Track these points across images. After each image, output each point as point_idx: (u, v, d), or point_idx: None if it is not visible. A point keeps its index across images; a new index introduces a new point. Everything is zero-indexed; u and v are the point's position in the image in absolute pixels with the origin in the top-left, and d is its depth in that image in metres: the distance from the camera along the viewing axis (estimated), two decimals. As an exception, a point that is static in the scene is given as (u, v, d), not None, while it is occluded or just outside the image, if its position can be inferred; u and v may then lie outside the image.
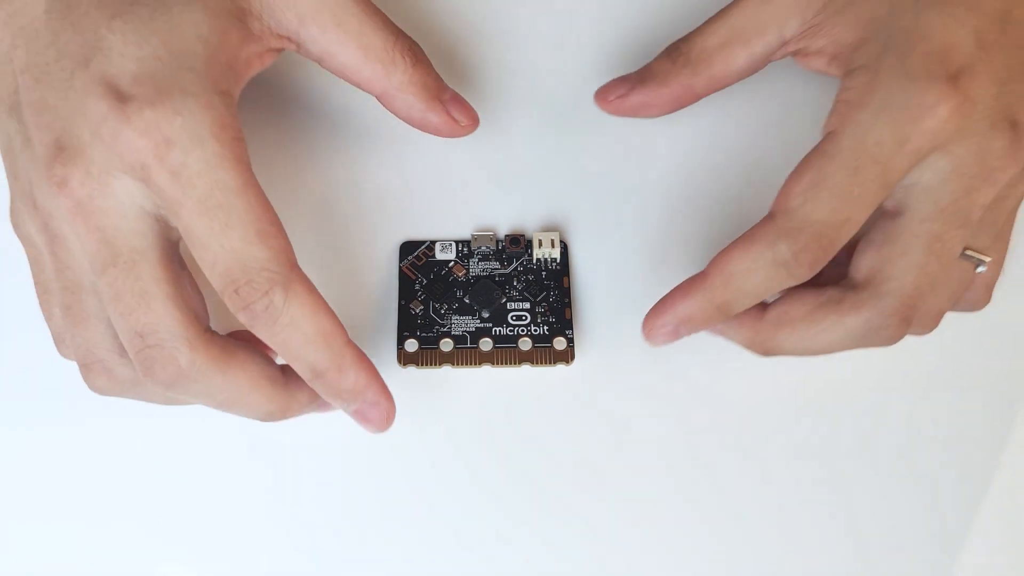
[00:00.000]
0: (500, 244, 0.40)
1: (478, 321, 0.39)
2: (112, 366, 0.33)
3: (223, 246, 0.30)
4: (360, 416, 0.34)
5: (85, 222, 0.31)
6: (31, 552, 0.37)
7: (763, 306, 0.35)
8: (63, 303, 0.33)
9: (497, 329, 0.39)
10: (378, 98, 0.36)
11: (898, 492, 0.38)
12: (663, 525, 0.38)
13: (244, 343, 0.33)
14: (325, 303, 0.32)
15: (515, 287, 0.39)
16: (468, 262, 0.40)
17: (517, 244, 0.40)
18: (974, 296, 0.36)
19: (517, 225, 0.40)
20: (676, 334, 0.35)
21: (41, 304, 0.34)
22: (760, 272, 0.32)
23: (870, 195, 0.31)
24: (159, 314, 0.31)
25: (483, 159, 0.41)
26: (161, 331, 0.31)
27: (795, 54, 0.36)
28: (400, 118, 0.36)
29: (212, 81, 0.31)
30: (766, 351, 0.35)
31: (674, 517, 0.38)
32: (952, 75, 0.31)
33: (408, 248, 0.40)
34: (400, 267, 0.40)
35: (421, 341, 0.38)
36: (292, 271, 0.31)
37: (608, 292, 0.40)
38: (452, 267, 0.40)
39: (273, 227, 0.31)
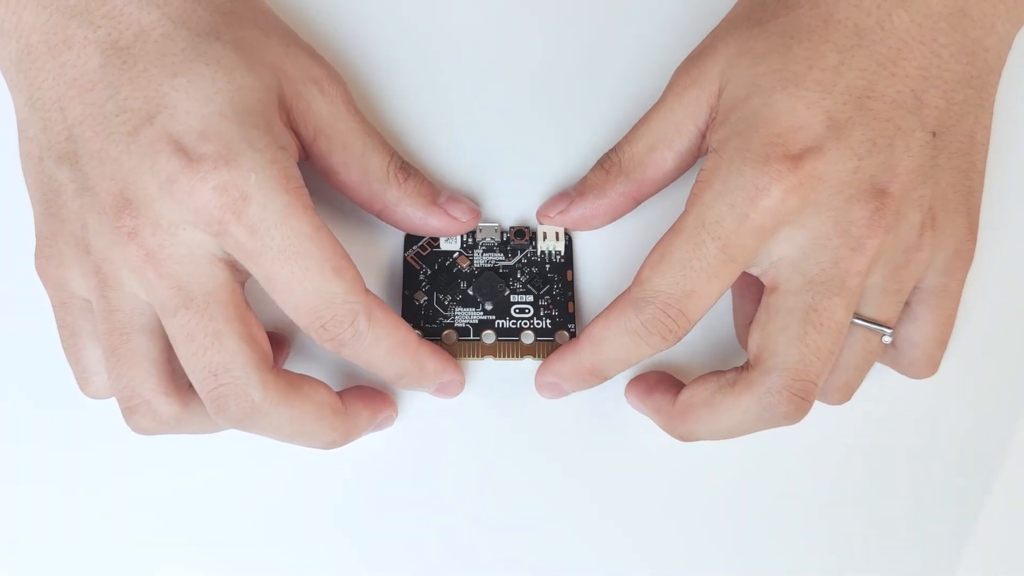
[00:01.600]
0: (505, 236, 0.40)
1: (481, 313, 0.39)
2: (157, 406, 0.34)
3: (306, 288, 0.32)
4: (439, 392, 0.37)
5: (156, 269, 0.32)
6: (32, 551, 0.37)
7: (677, 392, 0.36)
8: (109, 345, 0.33)
9: (500, 322, 0.39)
10: (378, 215, 0.38)
11: (899, 493, 0.38)
12: (664, 519, 0.38)
13: (306, 376, 0.34)
14: (396, 314, 0.34)
15: (519, 279, 0.39)
16: (472, 253, 0.40)
17: (522, 236, 0.40)
18: (914, 368, 0.37)
19: (522, 217, 0.40)
20: (561, 390, 0.37)
21: (66, 346, 0.35)
22: (618, 339, 0.34)
23: (713, 269, 0.33)
24: (232, 352, 0.32)
25: (489, 150, 0.41)
26: (235, 369, 0.32)
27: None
28: (403, 229, 0.38)
29: (275, 137, 0.33)
30: (681, 436, 0.36)
31: (673, 511, 0.38)
32: (794, 156, 0.32)
33: (412, 238, 0.40)
34: (404, 257, 0.40)
35: (425, 332, 0.38)
36: (368, 296, 0.33)
37: (611, 286, 0.40)
38: (456, 258, 0.40)
39: (345, 260, 0.33)
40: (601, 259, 0.40)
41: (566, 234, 0.40)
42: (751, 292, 0.37)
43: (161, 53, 0.33)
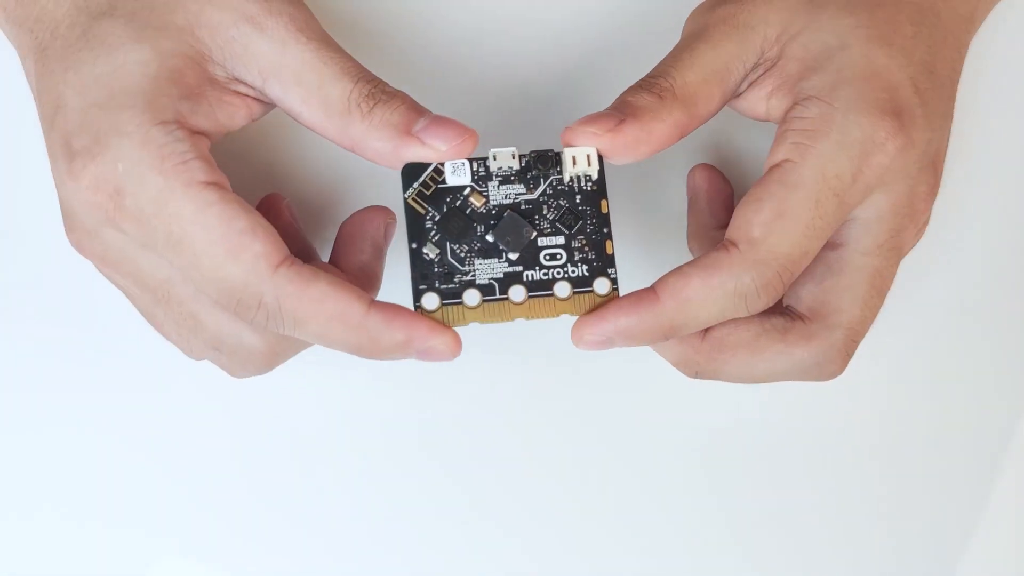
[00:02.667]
0: (525, 162, 0.33)
1: (506, 264, 0.33)
2: (245, 357, 0.33)
3: (202, 275, 0.30)
4: (424, 358, 0.32)
5: (117, 271, 0.32)
6: (29, 548, 0.37)
7: None
8: (170, 332, 0.34)
9: (529, 273, 0.33)
10: (354, 153, 0.32)
11: (899, 492, 0.38)
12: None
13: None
14: (328, 283, 0.30)
15: (546, 217, 0.33)
16: (487, 186, 0.33)
17: (545, 163, 0.33)
18: (832, 366, 0.34)
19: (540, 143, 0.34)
20: (610, 344, 0.33)
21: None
22: (719, 303, 0.32)
23: (828, 229, 0.32)
24: (214, 326, 0.32)
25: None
26: (225, 339, 0.32)
27: (736, 95, 0.34)
28: (385, 166, 0.32)
29: (153, 113, 0.30)
30: (699, 374, 0.34)
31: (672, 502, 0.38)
32: (896, 112, 0.32)
33: (412, 173, 0.33)
34: (405, 199, 0.32)
35: (442, 295, 0.32)
36: (276, 273, 0.30)
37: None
38: (468, 196, 0.33)
39: (243, 236, 0.30)
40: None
41: (599, 156, 0.33)
42: (720, 204, 0.37)
43: (64, 47, 0.32)
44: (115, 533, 0.37)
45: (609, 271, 0.33)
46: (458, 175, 0.33)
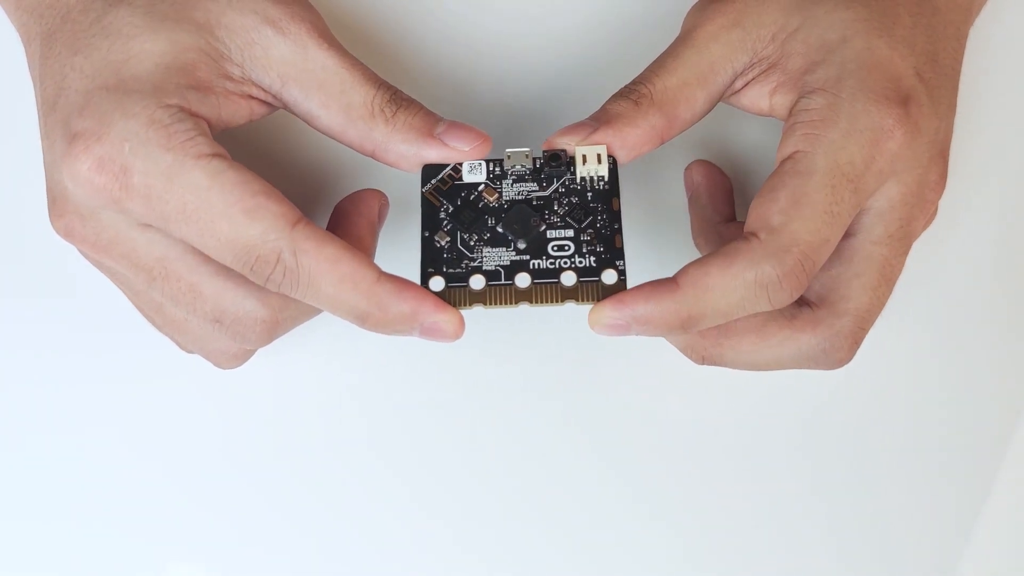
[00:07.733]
0: (538, 162, 0.35)
1: (513, 253, 0.34)
2: (228, 347, 0.35)
3: (219, 239, 0.31)
4: (427, 336, 0.33)
5: (109, 255, 0.32)
6: (38, 551, 0.37)
7: None
8: (161, 320, 0.35)
9: (536, 262, 0.34)
10: (372, 158, 0.34)
11: (899, 493, 0.37)
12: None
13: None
14: (342, 247, 0.31)
15: (556, 212, 0.34)
16: (501, 184, 0.35)
17: (557, 162, 0.34)
18: (838, 353, 0.34)
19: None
20: (627, 330, 0.33)
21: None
22: (738, 292, 0.31)
23: (846, 215, 0.32)
24: (215, 296, 0.32)
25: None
26: (227, 307, 0.32)
27: (731, 93, 0.35)
28: (402, 169, 0.34)
29: (159, 97, 0.31)
30: (705, 360, 0.34)
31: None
32: (903, 101, 0.32)
33: (431, 171, 0.35)
34: (422, 193, 0.34)
35: (448, 279, 0.33)
36: (294, 230, 0.31)
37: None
38: (482, 191, 0.34)
39: (258, 197, 0.31)
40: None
41: (610, 157, 0.34)
42: (721, 198, 0.37)
43: (73, 32, 0.32)
44: (120, 535, 0.37)
45: (617, 263, 0.33)
46: (475, 174, 0.35)
